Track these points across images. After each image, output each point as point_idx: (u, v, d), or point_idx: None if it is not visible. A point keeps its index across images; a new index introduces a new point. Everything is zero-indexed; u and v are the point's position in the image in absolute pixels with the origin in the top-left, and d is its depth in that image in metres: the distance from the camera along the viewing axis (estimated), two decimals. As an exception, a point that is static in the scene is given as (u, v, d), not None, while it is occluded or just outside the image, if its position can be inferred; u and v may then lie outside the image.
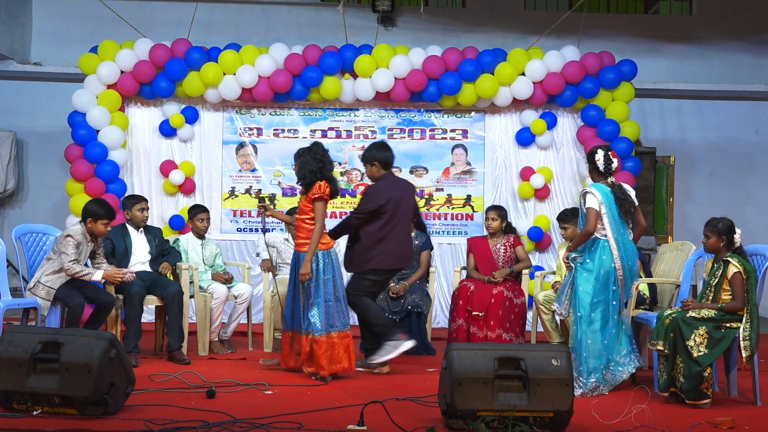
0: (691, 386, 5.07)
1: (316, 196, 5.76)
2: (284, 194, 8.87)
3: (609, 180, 5.64)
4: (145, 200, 6.92)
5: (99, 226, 6.11)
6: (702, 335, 5.13)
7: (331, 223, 8.50)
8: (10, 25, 9.87)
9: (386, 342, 6.01)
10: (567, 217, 7.00)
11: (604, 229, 5.52)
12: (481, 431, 4.19)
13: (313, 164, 5.83)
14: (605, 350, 5.46)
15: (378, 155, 6.23)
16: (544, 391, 4.31)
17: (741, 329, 5.21)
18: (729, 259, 5.29)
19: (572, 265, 5.65)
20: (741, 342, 5.19)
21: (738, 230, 5.37)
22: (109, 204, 6.30)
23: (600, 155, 5.63)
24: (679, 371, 5.11)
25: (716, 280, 5.33)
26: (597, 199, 5.51)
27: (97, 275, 6.05)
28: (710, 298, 5.34)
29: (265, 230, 6.75)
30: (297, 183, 6.03)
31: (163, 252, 6.85)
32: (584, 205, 5.56)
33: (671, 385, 5.18)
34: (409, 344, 6.01)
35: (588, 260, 5.55)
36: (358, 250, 6.16)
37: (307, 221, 5.84)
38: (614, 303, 5.52)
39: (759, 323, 5.33)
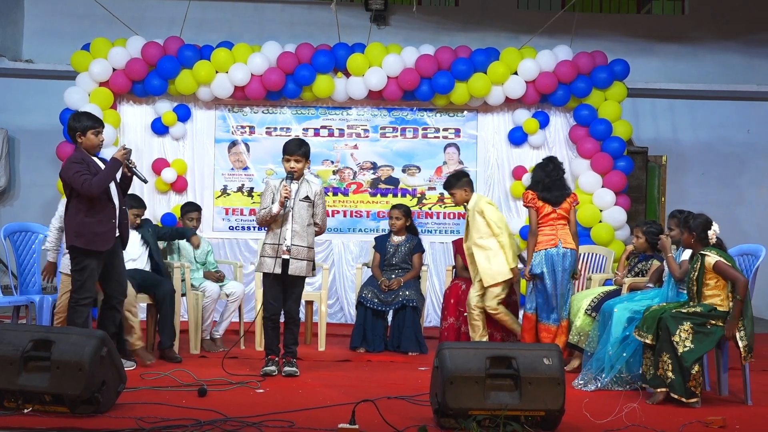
0: (679, 383, 5.07)
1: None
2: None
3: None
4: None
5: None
6: (687, 330, 5.14)
7: (339, 223, 8.55)
8: (1, 22, 9.84)
9: None
10: (450, 184, 6.94)
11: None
12: (472, 430, 4.20)
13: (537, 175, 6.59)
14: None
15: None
16: (535, 390, 4.32)
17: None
18: (704, 252, 5.31)
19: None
20: (737, 333, 5.18)
21: (715, 226, 5.35)
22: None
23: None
24: (667, 367, 5.12)
25: (696, 273, 5.34)
26: None
27: (275, 207, 5.71)
28: (694, 292, 5.35)
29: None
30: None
31: (167, 234, 7.02)
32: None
33: (661, 384, 5.17)
34: None
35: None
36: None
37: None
38: None
39: (752, 313, 5.31)
